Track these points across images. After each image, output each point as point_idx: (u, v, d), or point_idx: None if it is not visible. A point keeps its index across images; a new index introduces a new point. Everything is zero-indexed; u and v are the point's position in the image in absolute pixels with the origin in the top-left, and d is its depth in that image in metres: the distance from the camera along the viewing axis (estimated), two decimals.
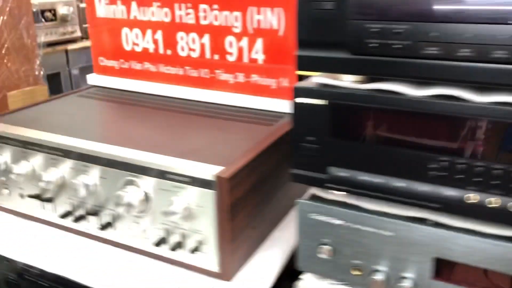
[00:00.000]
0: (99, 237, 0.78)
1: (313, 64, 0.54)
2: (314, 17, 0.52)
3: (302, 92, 0.55)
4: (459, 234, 0.51)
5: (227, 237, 0.67)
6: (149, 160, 0.69)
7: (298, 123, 0.56)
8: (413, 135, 0.51)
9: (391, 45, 0.48)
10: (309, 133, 0.56)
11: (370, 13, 0.48)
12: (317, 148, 0.56)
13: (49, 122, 0.86)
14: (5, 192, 0.86)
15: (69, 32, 1.98)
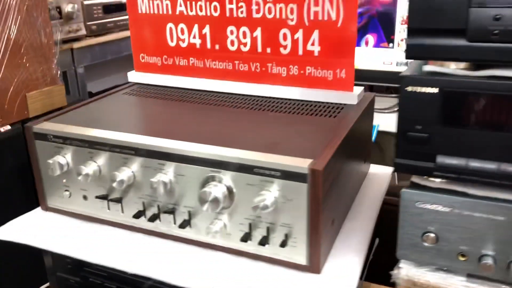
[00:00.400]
0: (173, 235, 0.77)
1: (424, 51, 0.54)
2: (429, 5, 0.52)
3: (412, 81, 0.55)
4: None
5: (317, 230, 0.66)
6: (235, 155, 0.68)
7: (406, 112, 0.57)
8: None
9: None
10: (417, 122, 0.56)
11: (494, 1, 0.49)
12: (426, 137, 0.57)
13: (108, 121, 0.85)
14: (66, 194, 0.84)
15: (74, 30, 1.94)
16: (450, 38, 0.53)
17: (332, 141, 0.72)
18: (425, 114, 0.56)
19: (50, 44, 1.42)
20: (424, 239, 0.60)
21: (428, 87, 0.55)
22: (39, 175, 0.85)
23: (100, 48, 2.03)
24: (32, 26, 1.36)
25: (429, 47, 0.54)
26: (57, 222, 0.84)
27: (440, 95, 0.55)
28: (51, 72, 1.44)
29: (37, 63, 1.38)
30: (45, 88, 1.41)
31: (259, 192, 0.67)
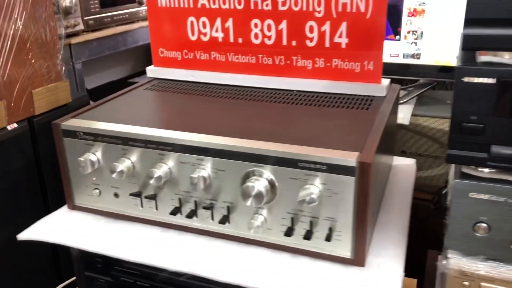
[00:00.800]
0: (209, 231, 0.76)
1: (482, 42, 0.54)
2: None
3: (468, 72, 0.55)
4: None
5: (364, 223, 0.66)
6: (278, 149, 0.67)
7: (461, 103, 0.57)
8: None
9: None
10: (472, 112, 0.56)
11: None
12: (481, 127, 0.57)
13: (136, 117, 0.83)
14: (95, 192, 0.82)
15: (72, 25, 1.90)
16: (508, 28, 0.53)
17: (374, 134, 0.72)
18: (480, 104, 0.56)
19: (54, 40, 1.39)
20: (475, 229, 0.61)
21: (485, 78, 0.55)
22: (67, 173, 0.83)
23: (98, 43, 2.00)
24: (37, 22, 1.33)
25: (487, 37, 0.54)
26: (86, 221, 0.82)
27: (497, 85, 0.55)
28: (56, 68, 1.41)
29: (42, 59, 1.35)
30: (50, 85, 1.38)
31: (303, 186, 0.67)
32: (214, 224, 0.75)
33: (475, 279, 0.62)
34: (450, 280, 0.64)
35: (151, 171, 0.73)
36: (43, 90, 1.36)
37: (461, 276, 0.63)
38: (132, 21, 2.06)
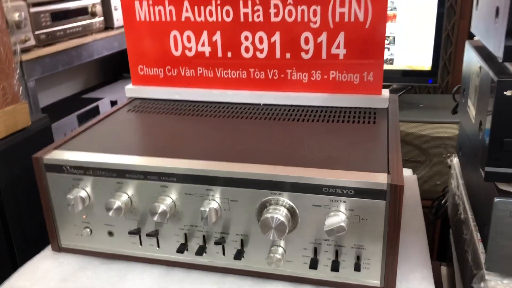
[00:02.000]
0: (220, 267, 0.69)
1: None
2: None
3: (510, 85, 0.52)
4: None
5: (395, 249, 0.62)
6: (299, 175, 0.62)
7: (503, 118, 0.53)
8: None
9: None
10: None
11: None
12: None
13: (128, 144, 0.75)
14: (86, 232, 0.73)
15: (22, 41, 1.76)
16: None
17: (393, 151, 0.67)
18: None
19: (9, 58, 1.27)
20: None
21: None
22: (50, 212, 0.73)
23: (51, 59, 1.87)
24: None
25: None
26: (78, 264, 0.73)
27: None
28: (13, 89, 1.28)
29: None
30: (7, 108, 1.26)
31: (329, 213, 0.62)
32: (225, 259, 0.69)
33: None
34: None
35: (154, 206, 0.65)
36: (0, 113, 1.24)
37: None
38: (86, 34, 1.95)
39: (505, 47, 0.52)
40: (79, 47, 1.93)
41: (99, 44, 1.99)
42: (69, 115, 1.86)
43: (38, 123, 1.29)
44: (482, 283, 0.61)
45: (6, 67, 1.25)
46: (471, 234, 0.70)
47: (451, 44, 1.74)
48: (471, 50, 0.71)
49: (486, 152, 0.56)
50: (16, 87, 1.31)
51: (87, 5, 1.94)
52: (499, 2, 0.55)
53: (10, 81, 1.28)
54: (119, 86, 2.36)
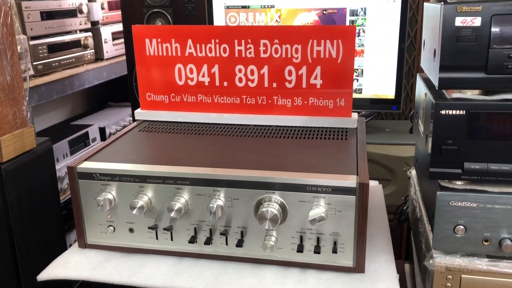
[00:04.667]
0: (224, 256, 0.85)
1: (454, 83, 0.70)
2: (458, 48, 0.68)
3: (445, 106, 0.71)
4: None
5: (363, 235, 0.79)
6: (288, 177, 0.79)
7: (440, 130, 0.72)
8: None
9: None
10: (449, 137, 0.72)
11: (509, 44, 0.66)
12: (456, 149, 0.72)
13: (145, 156, 0.91)
14: (110, 229, 0.88)
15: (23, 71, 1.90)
16: (474, 72, 0.69)
17: (361, 159, 0.85)
18: (455, 131, 0.72)
19: (20, 86, 1.42)
20: (455, 231, 0.75)
21: (457, 110, 0.71)
22: (80, 213, 0.88)
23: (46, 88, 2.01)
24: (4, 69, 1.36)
25: (458, 80, 0.70)
26: (102, 256, 0.87)
27: (466, 116, 0.71)
28: (22, 114, 1.43)
29: (9, 106, 1.37)
30: (16, 131, 1.40)
31: (311, 207, 0.79)
32: (227, 248, 0.84)
33: (457, 273, 0.77)
34: (436, 276, 0.78)
35: (171, 204, 0.81)
36: (10, 137, 1.37)
37: (445, 271, 0.77)
38: (78, 65, 2.11)
39: (439, 78, 0.71)
40: (72, 76, 2.08)
41: (90, 74, 2.15)
42: (61, 141, 1.97)
43: (41, 146, 1.44)
44: (430, 260, 0.78)
45: (17, 94, 1.41)
46: (424, 226, 0.88)
47: (412, 75, 1.97)
48: (420, 81, 0.91)
49: (430, 157, 0.74)
50: (24, 112, 1.46)
51: (80, 38, 2.10)
52: (435, 45, 0.74)
53: (20, 107, 1.43)
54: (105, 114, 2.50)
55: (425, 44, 0.89)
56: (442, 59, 0.70)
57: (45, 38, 1.92)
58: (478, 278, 0.76)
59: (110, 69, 2.28)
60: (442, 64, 0.70)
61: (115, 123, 2.36)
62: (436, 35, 0.73)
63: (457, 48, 0.69)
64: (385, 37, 1.65)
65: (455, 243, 0.76)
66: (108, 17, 2.34)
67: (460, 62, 0.69)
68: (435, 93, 0.76)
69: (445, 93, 0.76)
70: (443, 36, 0.69)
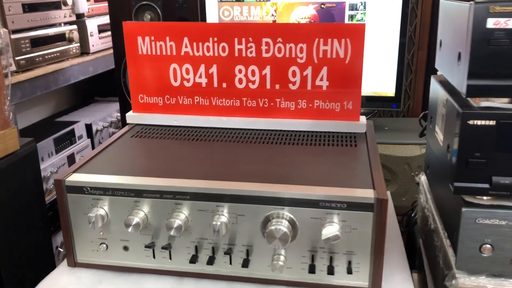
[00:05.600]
0: (229, 276, 0.78)
1: (484, 91, 0.64)
2: (489, 53, 0.62)
3: (473, 116, 0.65)
4: None
5: (381, 253, 0.73)
6: (301, 191, 0.72)
7: (467, 142, 0.66)
8: None
9: None
10: (477, 149, 0.66)
11: None
12: (484, 162, 0.66)
13: (140, 167, 0.83)
14: (102, 247, 0.80)
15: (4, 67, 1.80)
16: (507, 79, 0.63)
17: (376, 170, 0.79)
18: (483, 143, 0.65)
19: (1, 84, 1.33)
20: (481, 250, 0.70)
21: (487, 120, 0.64)
22: (68, 230, 0.80)
23: (30, 84, 1.92)
24: None
25: (489, 87, 0.63)
26: (94, 277, 0.80)
27: (496, 126, 0.64)
28: (4, 115, 1.34)
29: None
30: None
31: (324, 224, 0.72)
32: (231, 268, 0.78)
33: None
34: None
35: (170, 221, 0.74)
36: None
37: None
38: (63, 60, 2.02)
39: (467, 85, 0.64)
40: (56, 72, 1.99)
41: (75, 69, 2.05)
42: (46, 139, 1.89)
43: (25, 147, 1.35)
44: (453, 281, 0.72)
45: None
46: (441, 240, 0.82)
47: (411, 72, 1.91)
48: (437, 83, 0.85)
49: (455, 170, 0.68)
50: (6, 113, 1.37)
51: (65, 31, 2.00)
52: (461, 48, 0.68)
53: (1, 107, 1.34)
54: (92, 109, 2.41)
55: (443, 45, 0.83)
56: (472, 65, 0.63)
57: (28, 32, 1.82)
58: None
59: (96, 64, 2.19)
60: (471, 70, 0.63)
61: (102, 119, 2.28)
62: (461, 37, 0.67)
63: (489, 52, 0.62)
64: (385, 32, 1.58)
65: (481, 264, 0.70)
66: (93, 9, 2.24)
67: (492, 68, 0.63)
68: (459, 101, 0.70)
69: (470, 100, 0.69)
70: (473, 39, 0.62)
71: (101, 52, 2.23)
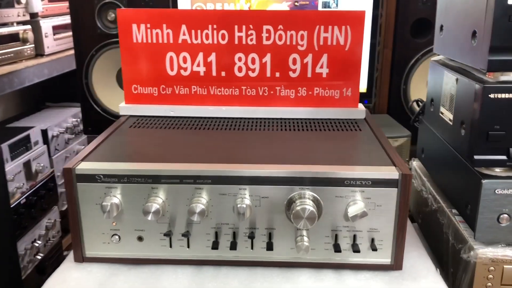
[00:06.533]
0: (250, 261, 0.77)
1: (505, 65, 0.67)
2: (510, 28, 0.65)
3: (494, 89, 0.67)
4: None
5: (404, 230, 0.74)
6: (326, 170, 0.72)
7: (487, 115, 0.68)
8: None
9: None
10: (497, 122, 0.69)
11: None
12: (503, 134, 0.69)
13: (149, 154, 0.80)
14: (114, 239, 0.76)
15: None
16: None
17: (390, 150, 0.80)
18: (503, 115, 0.68)
19: None
20: (499, 221, 0.72)
21: (507, 93, 0.68)
22: (78, 222, 0.76)
23: None
24: None
25: (509, 62, 0.67)
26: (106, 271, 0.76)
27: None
28: None
29: None
30: None
31: (348, 203, 0.72)
32: (252, 253, 0.76)
33: (500, 264, 0.74)
34: (478, 268, 0.74)
35: (192, 206, 0.71)
36: None
37: (488, 263, 0.74)
38: (16, 61, 1.91)
39: (489, 60, 0.67)
40: (10, 74, 1.88)
41: (30, 71, 1.95)
42: None
43: None
44: (471, 252, 0.75)
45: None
46: (449, 218, 0.84)
47: (377, 70, 1.97)
48: (439, 66, 0.88)
49: (474, 144, 0.71)
50: None
51: (18, 31, 1.90)
52: (476, 26, 0.71)
53: None
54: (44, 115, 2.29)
55: (445, 29, 0.86)
56: (494, 40, 0.66)
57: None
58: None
59: (51, 66, 2.09)
60: (492, 45, 0.66)
61: (57, 125, 2.17)
62: (478, 16, 0.70)
63: (509, 28, 0.65)
64: None
65: (499, 233, 0.73)
66: (48, 9, 2.14)
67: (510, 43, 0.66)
68: (474, 77, 0.73)
69: (483, 77, 0.72)
70: (494, 16, 0.65)
71: (56, 54, 2.13)
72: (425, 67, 1.49)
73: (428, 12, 1.45)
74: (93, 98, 1.67)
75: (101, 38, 1.59)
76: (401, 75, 1.50)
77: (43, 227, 1.74)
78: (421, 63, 1.48)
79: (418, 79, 1.50)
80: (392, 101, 1.63)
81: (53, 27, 2.10)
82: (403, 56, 1.51)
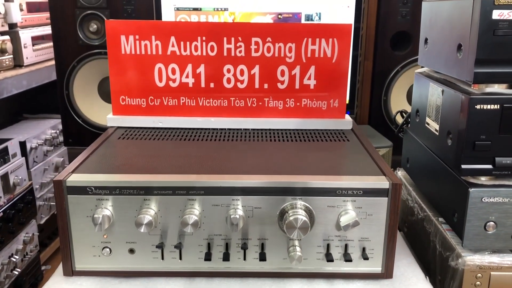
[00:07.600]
0: (243, 272, 0.77)
1: (490, 77, 0.69)
2: (494, 42, 0.67)
3: (479, 101, 0.70)
4: None
5: (394, 238, 0.75)
6: (319, 181, 0.73)
7: (473, 125, 0.71)
8: None
9: None
10: (482, 132, 0.71)
11: None
12: (489, 144, 0.71)
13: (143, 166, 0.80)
14: (105, 252, 0.76)
15: None
16: (509, 66, 0.69)
17: (379, 160, 0.82)
18: (488, 126, 0.71)
19: None
20: (486, 228, 0.74)
21: (492, 104, 0.70)
22: (67, 235, 0.75)
23: None
24: None
25: (494, 74, 0.69)
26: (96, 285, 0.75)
27: (501, 110, 0.70)
28: None
29: None
30: None
31: (340, 212, 0.73)
32: (245, 264, 0.76)
33: (486, 270, 0.76)
34: (466, 275, 0.76)
35: (186, 218, 0.71)
36: None
37: (476, 269, 0.76)
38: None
39: (475, 73, 0.69)
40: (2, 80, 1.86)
41: (8, 82, 1.92)
42: None
43: None
44: (459, 259, 0.76)
45: None
46: (435, 226, 0.86)
47: (358, 81, 2.01)
48: (424, 78, 0.90)
49: (461, 154, 0.73)
50: None
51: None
52: (462, 40, 0.73)
53: None
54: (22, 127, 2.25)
55: (430, 42, 0.88)
56: (479, 53, 0.68)
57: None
58: (508, 274, 0.75)
59: (30, 77, 2.06)
60: (478, 58, 0.68)
61: (36, 137, 2.13)
62: (463, 30, 0.72)
63: (494, 41, 0.68)
64: None
65: (485, 241, 0.75)
66: (27, 19, 2.12)
67: (497, 56, 0.68)
68: (460, 89, 0.75)
69: (469, 88, 0.74)
70: (480, 30, 0.67)
71: (35, 65, 2.11)
72: (404, 78, 1.52)
73: (408, 25, 1.48)
74: (74, 109, 1.65)
75: (82, 49, 1.58)
76: (381, 87, 1.53)
77: (20, 241, 1.70)
78: (401, 75, 1.51)
79: (398, 90, 1.53)
80: (373, 112, 1.65)
81: (32, 37, 2.08)
82: (384, 68, 1.54)
